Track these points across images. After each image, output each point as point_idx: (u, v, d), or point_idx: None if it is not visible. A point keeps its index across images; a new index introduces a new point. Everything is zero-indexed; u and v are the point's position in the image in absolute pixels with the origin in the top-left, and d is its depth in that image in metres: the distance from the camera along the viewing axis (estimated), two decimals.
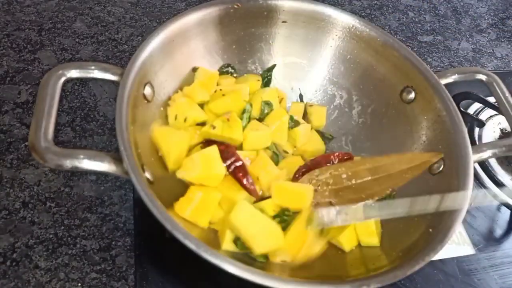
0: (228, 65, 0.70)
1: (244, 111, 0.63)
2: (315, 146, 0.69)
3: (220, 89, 0.64)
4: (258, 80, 0.70)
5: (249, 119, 0.64)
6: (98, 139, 0.71)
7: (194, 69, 0.66)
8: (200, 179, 0.55)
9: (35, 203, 0.63)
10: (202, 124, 0.62)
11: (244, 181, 0.56)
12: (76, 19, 0.88)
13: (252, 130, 0.61)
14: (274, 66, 0.72)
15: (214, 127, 0.58)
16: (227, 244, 0.52)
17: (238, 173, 0.56)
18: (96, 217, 0.63)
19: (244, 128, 0.62)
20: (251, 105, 0.64)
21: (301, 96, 0.74)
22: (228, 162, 0.56)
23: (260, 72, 0.72)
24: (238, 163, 0.57)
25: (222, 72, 0.69)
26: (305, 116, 0.72)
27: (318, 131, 0.71)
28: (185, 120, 0.60)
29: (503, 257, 0.63)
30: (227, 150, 0.57)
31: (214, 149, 0.56)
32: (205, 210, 0.54)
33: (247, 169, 0.57)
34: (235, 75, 0.70)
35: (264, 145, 0.63)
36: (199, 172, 0.55)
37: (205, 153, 0.56)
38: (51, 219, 0.62)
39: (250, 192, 0.56)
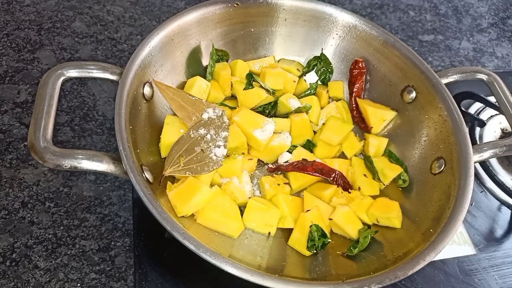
0: None
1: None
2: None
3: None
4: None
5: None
6: (97, 139, 0.70)
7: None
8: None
9: (34, 203, 0.63)
10: None
11: None
12: (75, 18, 0.87)
13: None
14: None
15: None
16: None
17: None
18: (95, 217, 0.63)
19: None
20: None
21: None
22: None
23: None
24: None
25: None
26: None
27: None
28: None
29: (503, 257, 0.63)
30: None
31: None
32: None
33: None
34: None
35: None
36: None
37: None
38: (50, 219, 0.62)
39: None
